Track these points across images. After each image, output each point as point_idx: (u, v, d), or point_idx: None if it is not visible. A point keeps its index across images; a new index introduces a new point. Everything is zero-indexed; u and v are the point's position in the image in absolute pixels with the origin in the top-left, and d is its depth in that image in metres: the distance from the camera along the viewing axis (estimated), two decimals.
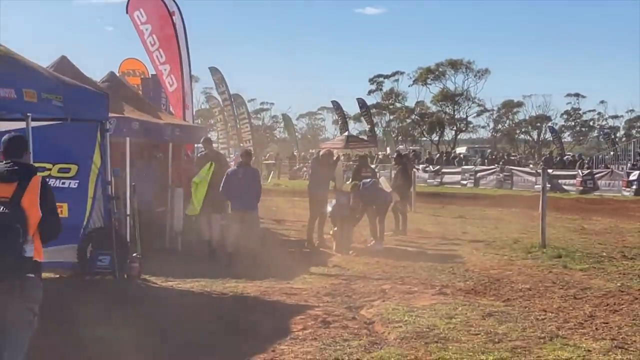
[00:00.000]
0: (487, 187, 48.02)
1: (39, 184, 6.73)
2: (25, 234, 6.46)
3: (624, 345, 9.11)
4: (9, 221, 6.40)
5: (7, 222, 6.40)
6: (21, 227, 6.43)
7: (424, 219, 26.42)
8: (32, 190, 6.63)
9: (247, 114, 61.59)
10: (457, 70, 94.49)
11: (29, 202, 6.57)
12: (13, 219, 6.42)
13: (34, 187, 6.66)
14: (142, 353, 8.74)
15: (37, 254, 6.65)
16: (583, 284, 13.39)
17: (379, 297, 12.20)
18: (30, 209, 6.55)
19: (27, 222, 6.49)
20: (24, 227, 6.45)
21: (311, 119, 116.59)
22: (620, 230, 22.56)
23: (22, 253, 6.46)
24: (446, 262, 15.95)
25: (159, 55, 20.84)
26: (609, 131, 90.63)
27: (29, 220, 6.52)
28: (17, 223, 6.43)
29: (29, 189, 6.62)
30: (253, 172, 16.51)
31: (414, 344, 9.23)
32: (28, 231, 6.50)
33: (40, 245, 6.71)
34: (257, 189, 16.31)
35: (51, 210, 6.83)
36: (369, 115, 74.12)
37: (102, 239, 12.85)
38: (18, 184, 6.61)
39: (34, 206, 6.58)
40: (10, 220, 6.41)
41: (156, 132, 16.23)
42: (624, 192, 39.39)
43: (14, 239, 6.41)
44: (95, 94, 12.28)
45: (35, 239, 6.63)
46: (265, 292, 12.60)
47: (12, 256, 6.40)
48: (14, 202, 6.50)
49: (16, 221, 6.42)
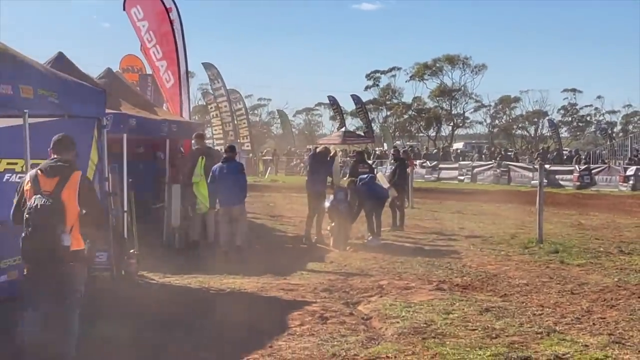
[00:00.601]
0: (484, 182, 48.02)
1: (78, 180, 7.59)
2: (63, 225, 7.33)
3: (621, 340, 9.13)
4: (48, 213, 7.28)
5: (47, 213, 7.28)
6: (59, 218, 7.31)
7: (421, 214, 26.47)
8: (72, 185, 7.51)
9: (244, 110, 61.72)
10: (454, 65, 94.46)
11: (68, 196, 7.44)
12: (52, 211, 7.30)
13: (74, 182, 7.54)
14: (140, 350, 8.75)
15: (77, 244, 7.53)
16: (580, 279, 13.41)
17: (377, 293, 12.22)
18: (69, 202, 7.42)
19: (65, 214, 7.37)
20: (62, 218, 7.33)
21: (308, 115, 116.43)
22: (617, 226, 22.59)
23: (60, 242, 7.30)
24: (443, 258, 15.97)
25: (155, 52, 20.86)
26: (606, 126, 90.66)
27: (67, 212, 7.39)
28: (56, 215, 7.31)
29: (69, 184, 7.50)
30: (238, 167, 16.39)
31: (411, 339, 9.24)
32: (66, 222, 7.37)
33: (79, 236, 7.58)
34: (243, 183, 16.22)
35: (90, 203, 7.69)
36: (364, 111, 74.15)
37: (99, 236, 12.82)
38: (59, 179, 7.50)
39: (72, 200, 7.45)
40: (50, 212, 7.29)
41: (153, 129, 16.22)
42: (621, 187, 39.42)
43: (52, 229, 7.28)
44: (92, 90, 12.24)
45: (74, 230, 7.50)
46: (262, 288, 12.60)
47: (51, 244, 7.28)
48: (54, 195, 7.39)
49: (55, 213, 7.31)
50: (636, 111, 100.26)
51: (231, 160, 16.26)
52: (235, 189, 15.83)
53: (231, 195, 15.82)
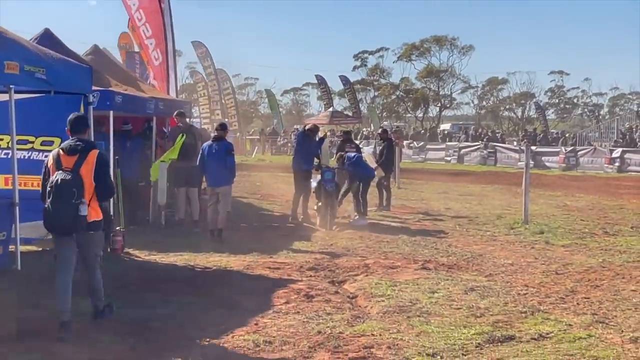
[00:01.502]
0: (471, 163, 48.18)
1: (95, 157, 8.48)
2: (81, 196, 8.24)
3: (605, 320, 9.18)
4: (69, 186, 8.20)
5: (68, 186, 8.20)
6: (77, 190, 8.21)
7: (407, 194, 26.53)
8: (89, 162, 8.42)
9: (231, 89, 61.62)
10: (441, 46, 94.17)
11: (86, 171, 8.37)
12: (72, 184, 8.21)
13: (91, 159, 8.44)
14: (125, 326, 8.76)
15: (95, 214, 8.55)
16: (565, 259, 13.48)
17: (362, 272, 12.24)
18: (87, 177, 8.36)
19: (83, 187, 8.30)
20: (80, 191, 8.24)
21: (296, 95, 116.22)
22: (603, 207, 22.68)
23: (77, 212, 8.21)
24: (429, 238, 16.02)
25: (145, 30, 20.82)
26: (593, 108, 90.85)
27: (85, 186, 8.32)
28: (74, 187, 8.21)
29: (87, 161, 8.41)
30: (228, 147, 15.96)
31: (396, 317, 9.28)
32: (84, 195, 8.29)
33: (97, 207, 8.61)
34: (232, 164, 15.85)
35: (104, 177, 8.64)
36: (353, 92, 73.97)
37: None
38: (78, 156, 8.41)
39: (89, 175, 8.38)
40: (70, 185, 8.20)
41: (140, 106, 16.17)
42: (607, 169, 39.59)
43: (71, 199, 8.19)
44: (79, 67, 12.19)
45: (92, 202, 8.47)
46: (248, 266, 12.62)
47: (70, 214, 8.20)
48: (74, 170, 8.32)
49: (73, 186, 8.21)
50: (623, 94, 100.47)
51: (221, 140, 15.91)
52: (223, 169, 15.56)
53: (219, 175, 15.62)
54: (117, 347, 7.94)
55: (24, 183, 12.72)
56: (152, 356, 7.68)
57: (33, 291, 10.10)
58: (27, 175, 12.92)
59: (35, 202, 12.55)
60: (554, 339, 8.33)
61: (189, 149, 16.56)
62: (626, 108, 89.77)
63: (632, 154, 39.56)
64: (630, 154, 39.66)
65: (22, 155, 12.94)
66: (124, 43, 31.54)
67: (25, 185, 12.80)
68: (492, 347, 8.03)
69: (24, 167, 12.65)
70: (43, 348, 7.79)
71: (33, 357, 7.53)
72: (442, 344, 8.09)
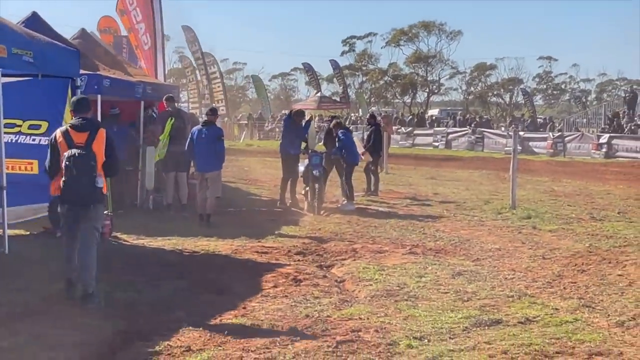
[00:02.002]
0: (459, 148, 48.24)
1: (104, 135, 9.11)
2: (96, 170, 8.91)
3: (591, 304, 9.23)
4: (86, 159, 8.83)
5: (85, 160, 8.82)
6: (94, 165, 8.88)
7: (395, 180, 26.55)
8: (100, 138, 9.03)
9: (219, 74, 61.40)
10: (430, 32, 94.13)
11: (97, 147, 8.98)
12: (88, 158, 8.86)
13: (101, 136, 9.05)
14: (114, 310, 8.76)
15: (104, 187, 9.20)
16: (552, 244, 13.53)
17: (350, 256, 12.27)
18: (98, 153, 8.98)
19: (97, 162, 8.93)
20: (95, 165, 8.90)
21: (284, 80, 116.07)
22: (589, 193, 22.74)
23: (96, 184, 8.92)
24: (417, 222, 16.05)
25: (135, 14, 20.79)
26: (580, 94, 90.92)
27: (98, 160, 8.94)
28: (92, 161, 8.87)
29: (97, 138, 9.00)
30: (218, 133, 15.89)
31: (384, 301, 9.31)
32: (98, 169, 8.94)
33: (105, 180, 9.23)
34: (221, 150, 15.79)
35: (111, 154, 9.23)
36: (342, 76, 73.91)
37: None
38: (89, 133, 8.99)
39: (100, 150, 9.00)
40: (87, 159, 8.84)
41: (128, 90, 16.12)
42: (594, 155, 39.64)
43: (91, 173, 8.87)
44: (67, 51, 12.16)
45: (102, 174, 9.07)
46: (236, 250, 12.63)
47: (90, 185, 8.89)
48: (87, 146, 8.91)
49: (90, 159, 8.87)
50: (611, 80, 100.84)
51: (211, 125, 15.85)
52: (212, 155, 15.50)
53: (208, 161, 15.55)
54: (105, 331, 7.93)
55: (11, 167, 12.71)
56: (140, 340, 7.68)
57: (20, 275, 10.10)
58: (14, 159, 12.90)
59: (22, 186, 12.58)
60: (541, 322, 8.37)
61: (177, 133, 16.52)
62: (614, 94, 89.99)
63: (619, 140, 39.59)
64: (617, 139, 39.68)
65: (9, 138, 12.90)
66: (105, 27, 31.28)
67: (12, 169, 12.79)
68: (479, 331, 8.06)
69: (11, 150, 12.61)
70: (29, 331, 7.78)
71: (19, 340, 7.51)
72: (430, 328, 8.12)
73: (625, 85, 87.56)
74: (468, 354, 7.23)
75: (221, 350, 7.36)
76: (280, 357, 7.13)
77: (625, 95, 53.78)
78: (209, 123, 15.79)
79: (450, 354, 7.22)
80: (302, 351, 7.28)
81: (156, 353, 7.28)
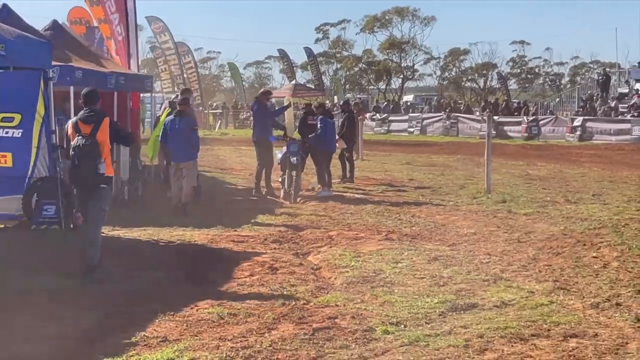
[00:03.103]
0: (434, 134, 48.27)
1: (108, 124, 10.10)
2: (99, 157, 9.89)
3: (566, 287, 9.30)
4: (89, 149, 9.86)
5: (88, 149, 9.85)
6: (97, 153, 9.87)
7: (371, 166, 26.58)
8: (104, 128, 10.01)
9: (193, 63, 61.16)
10: (403, 18, 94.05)
11: (102, 136, 9.97)
12: (92, 147, 9.86)
13: (105, 126, 10.03)
14: (90, 301, 8.74)
15: (109, 171, 10.13)
16: (527, 227, 13.60)
17: (326, 244, 12.31)
18: (103, 141, 9.97)
19: (101, 149, 9.93)
20: (98, 153, 9.89)
21: (258, 68, 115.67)
22: (564, 176, 22.87)
23: (98, 170, 9.89)
24: (393, 209, 16.08)
25: (110, 5, 20.64)
26: (554, 78, 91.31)
27: (102, 148, 9.96)
28: (94, 150, 9.87)
29: (102, 128, 9.98)
30: (191, 123, 15.91)
31: (360, 288, 9.35)
32: (101, 155, 9.92)
33: (110, 164, 10.23)
34: (195, 140, 15.85)
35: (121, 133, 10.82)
36: (316, 64, 73.78)
37: (47, 189, 12.70)
38: (94, 125, 9.97)
39: (105, 139, 10.01)
40: (90, 148, 9.86)
41: (100, 81, 16.02)
42: (568, 138, 39.85)
43: (92, 160, 9.86)
44: (38, 42, 12.07)
45: (107, 160, 10.04)
46: (212, 239, 12.61)
47: (92, 172, 9.88)
48: (92, 136, 9.90)
49: (93, 149, 9.87)
50: (584, 63, 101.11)
51: (184, 115, 15.77)
52: (187, 145, 15.49)
53: (182, 151, 15.52)
54: (82, 323, 7.92)
55: None
56: (117, 331, 7.66)
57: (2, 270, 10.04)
58: None
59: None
60: (516, 306, 8.43)
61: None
62: (587, 77, 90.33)
63: (593, 123, 39.82)
64: (591, 122, 39.93)
65: None
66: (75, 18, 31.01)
67: None
68: (455, 315, 8.11)
69: None
70: (5, 324, 7.76)
71: None
72: (406, 313, 8.15)
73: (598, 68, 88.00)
74: (444, 339, 7.26)
75: (198, 340, 7.35)
76: (257, 345, 7.14)
77: (598, 78, 54.02)
78: (181, 113, 15.71)
79: (427, 339, 7.24)
80: (279, 339, 7.29)
81: (133, 344, 7.26)
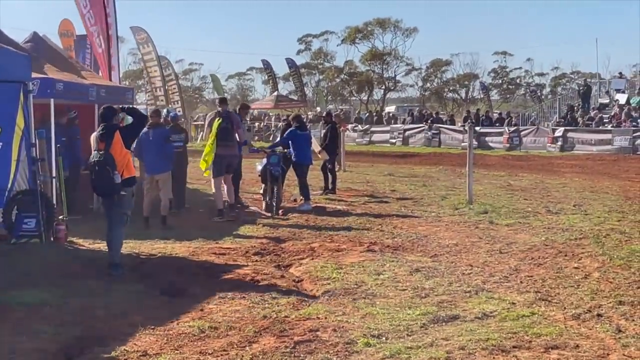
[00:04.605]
0: (416, 145, 48.32)
1: (119, 135, 10.99)
2: (114, 169, 10.80)
3: (548, 298, 9.32)
4: (103, 163, 10.79)
5: (103, 164, 10.79)
6: (110, 166, 10.77)
7: (353, 177, 26.58)
8: (116, 142, 10.92)
9: (174, 75, 61.02)
10: (385, 29, 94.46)
11: (114, 150, 10.88)
12: (106, 162, 10.78)
13: (117, 139, 10.94)
14: (70, 315, 8.68)
15: (128, 173, 11.13)
16: (508, 238, 13.62)
17: (308, 255, 12.29)
18: (116, 154, 10.87)
19: (115, 162, 10.82)
20: (112, 166, 10.79)
21: (240, 80, 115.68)
22: (546, 186, 22.93)
23: (113, 181, 10.81)
24: (375, 220, 16.07)
25: (90, 17, 20.61)
26: (535, 88, 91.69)
27: (117, 160, 10.85)
28: (107, 165, 10.77)
29: (114, 142, 10.90)
30: (164, 133, 15.97)
31: (341, 300, 9.33)
32: (116, 167, 10.83)
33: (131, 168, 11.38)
34: (170, 152, 15.87)
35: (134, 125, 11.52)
36: (298, 75, 73.86)
37: (28, 202, 12.63)
38: (107, 141, 10.86)
39: (118, 150, 10.92)
40: (104, 163, 10.79)
41: (81, 93, 15.97)
42: (549, 148, 40.02)
43: (107, 173, 10.78)
44: (17, 55, 12.06)
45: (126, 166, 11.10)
46: (194, 252, 12.58)
47: (109, 183, 10.85)
48: (105, 151, 10.81)
49: (107, 164, 10.77)
50: (564, 73, 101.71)
51: (157, 127, 15.81)
52: (161, 156, 15.49)
53: (157, 163, 15.50)
54: (62, 337, 7.87)
55: None
56: (97, 345, 7.61)
57: None
58: None
59: None
60: (498, 317, 8.43)
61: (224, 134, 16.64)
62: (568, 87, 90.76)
63: (574, 133, 40.03)
64: (572, 132, 40.13)
65: None
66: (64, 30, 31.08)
67: None
68: (437, 327, 8.10)
69: None
70: None
71: None
72: (388, 325, 8.14)
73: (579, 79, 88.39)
74: (426, 351, 7.25)
75: (178, 354, 7.32)
76: (238, 359, 7.11)
77: (579, 88, 54.31)
78: (154, 125, 15.65)
79: (408, 352, 7.23)
80: (260, 352, 7.27)
81: (113, 358, 7.22)
